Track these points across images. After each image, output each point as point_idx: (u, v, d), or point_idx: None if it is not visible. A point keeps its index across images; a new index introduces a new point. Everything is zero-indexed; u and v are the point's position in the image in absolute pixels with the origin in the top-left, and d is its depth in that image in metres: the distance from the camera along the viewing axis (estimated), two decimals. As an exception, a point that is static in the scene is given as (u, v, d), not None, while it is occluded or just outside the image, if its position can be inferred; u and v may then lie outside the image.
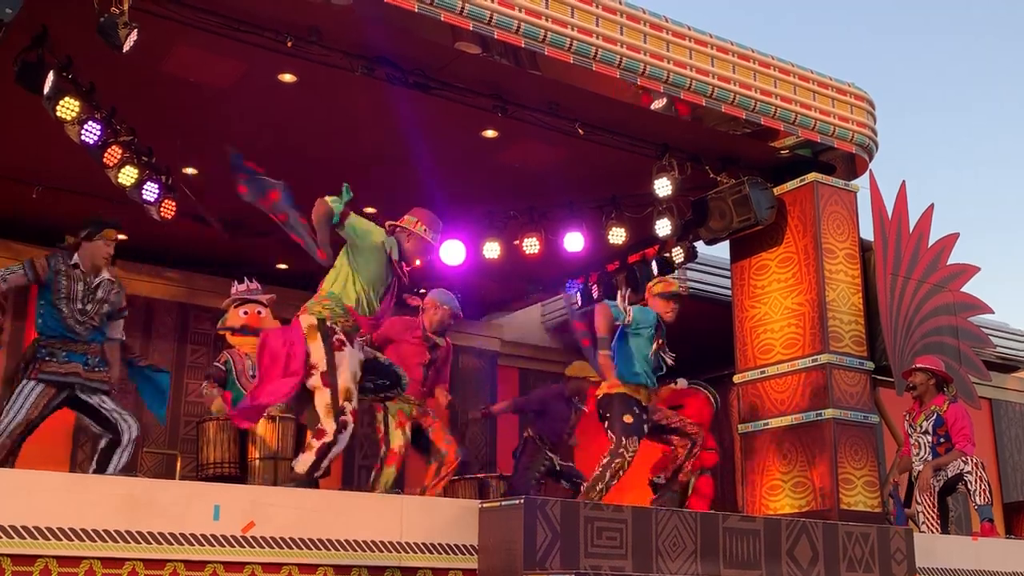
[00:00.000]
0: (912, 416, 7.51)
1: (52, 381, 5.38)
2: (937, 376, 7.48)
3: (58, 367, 5.40)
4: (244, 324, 7.30)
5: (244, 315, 7.30)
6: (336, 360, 5.13)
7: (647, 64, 7.03)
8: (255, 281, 7.62)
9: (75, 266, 5.53)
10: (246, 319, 7.29)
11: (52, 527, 4.17)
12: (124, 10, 5.62)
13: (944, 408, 7.39)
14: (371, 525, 4.86)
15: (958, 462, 7.31)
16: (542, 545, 4.84)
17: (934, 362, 7.58)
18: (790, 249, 8.19)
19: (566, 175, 8.49)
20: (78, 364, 5.46)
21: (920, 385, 7.46)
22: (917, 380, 7.50)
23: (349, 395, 5.12)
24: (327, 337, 5.15)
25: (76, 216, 5.81)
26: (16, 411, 5.32)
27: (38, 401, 5.35)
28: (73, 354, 5.46)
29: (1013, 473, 13.72)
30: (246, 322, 7.28)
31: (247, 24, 6.21)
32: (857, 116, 8.16)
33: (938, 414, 7.35)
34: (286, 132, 7.76)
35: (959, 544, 7.09)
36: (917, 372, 7.51)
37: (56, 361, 5.39)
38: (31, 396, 5.34)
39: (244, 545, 4.53)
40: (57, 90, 6.32)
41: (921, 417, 7.46)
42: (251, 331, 7.21)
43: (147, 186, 7.50)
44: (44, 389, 5.37)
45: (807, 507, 7.62)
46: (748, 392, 8.25)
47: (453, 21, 6.27)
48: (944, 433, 7.34)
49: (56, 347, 5.42)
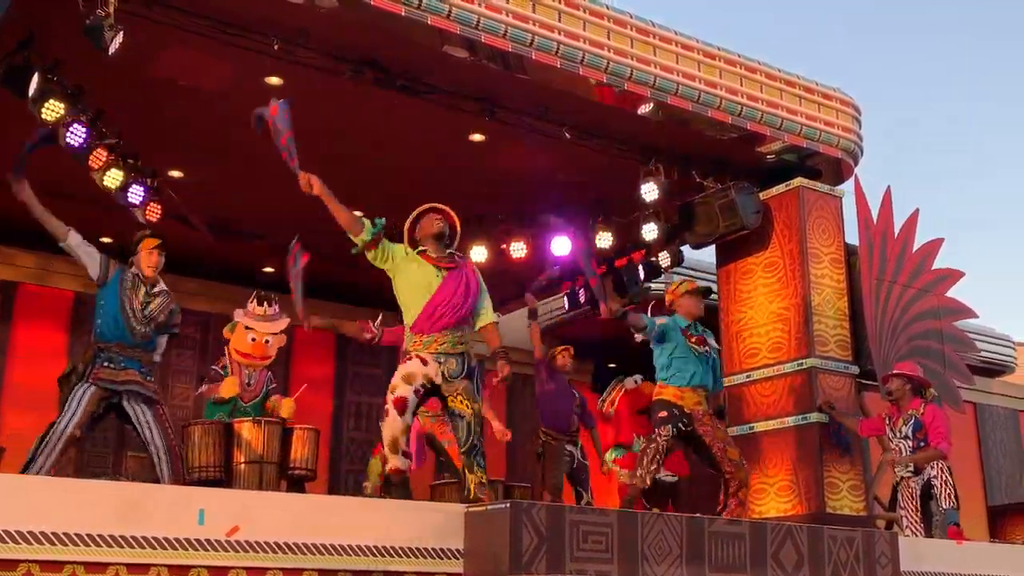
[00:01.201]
0: (892, 421, 7.54)
1: (107, 388, 5.45)
2: (913, 381, 7.49)
3: (114, 374, 5.47)
4: (249, 351, 7.18)
5: (251, 341, 7.17)
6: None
7: (633, 69, 7.05)
8: (276, 304, 7.44)
9: (137, 275, 5.72)
10: (252, 345, 7.16)
11: (35, 531, 4.14)
12: (110, 13, 5.61)
13: (921, 411, 7.42)
14: (356, 529, 4.85)
15: (927, 468, 7.35)
16: (528, 549, 4.83)
17: (911, 368, 7.59)
18: (776, 254, 8.22)
19: (553, 179, 8.50)
20: (135, 371, 5.54)
21: (897, 390, 7.49)
22: (894, 386, 7.53)
23: (392, 388, 5.36)
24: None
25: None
26: (70, 415, 5.35)
27: (88, 407, 5.38)
28: (130, 360, 5.54)
29: (998, 477, 13.78)
30: (252, 349, 7.16)
31: (233, 27, 6.21)
32: (843, 121, 8.20)
33: (916, 418, 7.38)
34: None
35: (944, 548, 7.11)
36: (893, 378, 7.53)
37: (113, 367, 5.47)
38: (83, 400, 5.38)
39: (229, 549, 4.51)
40: (42, 92, 6.30)
41: (900, 422, 7.49)
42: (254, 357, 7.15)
43: (132, 189, 7.48)
44: (96, 393, 5.41)
45: (793, 511, 7.64)
46: (734, 396, 8.27)
47: (440, 25, 6.28)
48: (923, 437, 7.38)
49: (114, 351, 5.50)
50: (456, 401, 5.40)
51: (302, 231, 9.18)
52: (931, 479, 7.35)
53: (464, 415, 5.39)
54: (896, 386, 7.50)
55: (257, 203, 8.89)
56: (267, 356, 7.18)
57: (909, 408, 7.44)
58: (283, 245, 9.41)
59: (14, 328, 9.47)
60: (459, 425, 5.43)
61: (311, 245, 7.74)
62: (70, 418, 5.34)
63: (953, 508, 7.25)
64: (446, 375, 5.39)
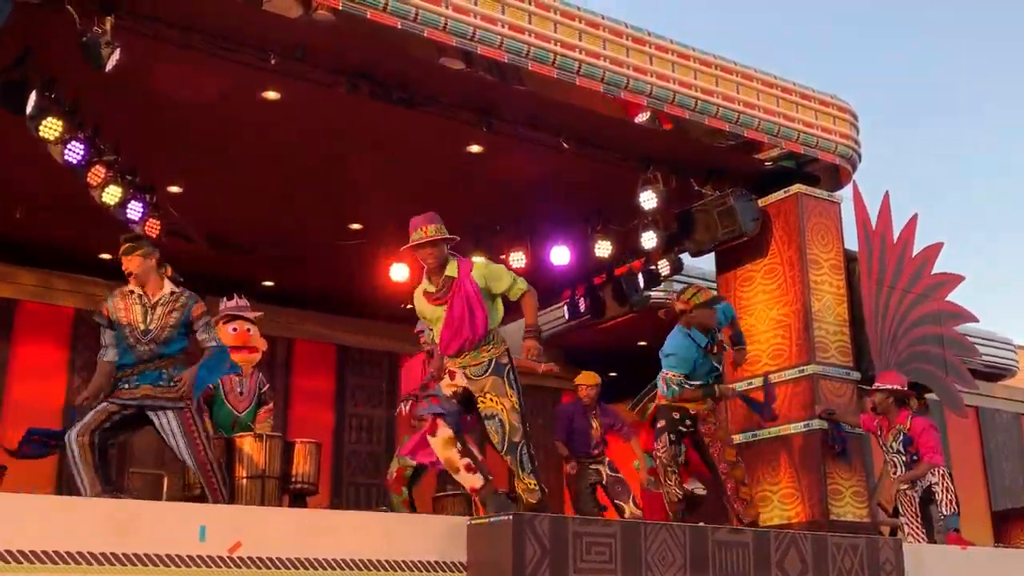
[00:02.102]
0: (882, 433, 7.52)
1: (121, 403, 5.34)
2: (895, 393, 7.45)
3: (129, 392, 5.36)
4: (233, 341, 7.25)
5: (233, 332, 7.25)
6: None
7: (630, 78, 7.05)
8: (243, 298, 7.59)
9: (130, 292, 5.52)
10: (235, 336, 7.25)
11: (36, 550, 4.13)
12: (107, 30, 5.62)
13: (908, 425, 7.39)
14: (359, 543, 4.83)
15: (928, 474, 7.33)
16: (531, 561, 4.82)
17: (892, 379, 7.53)
18: (775, 260, 8.22)
19: (552, 189, 8.50)
20: (148, 385, 5.39)
21: (880, 404, 7.46)
22: (877, 399, 7.50)
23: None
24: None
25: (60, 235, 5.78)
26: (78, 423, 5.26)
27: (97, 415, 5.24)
28: (144, 375, 5.40)
29: (1001, 481, 13.75)
30: (235, 339, 7.24)
31: (230, 42, 6.22)
32: (840, 128, 8.20)
33: (904, 433, 7.35)
34: (270, 149, 7.76)
35: (948, 553, 7.09)
36: (876, 392, 7.50)
37: (128, 387, 5.36)
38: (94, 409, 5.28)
39: (231, 566, 4.50)
40: (40, 109, 6.29)
41: (890, 437, 7.47)
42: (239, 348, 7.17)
43: (131, 205, 7.47)
44: (107, 407, 5.29)
45: (796, 518, 7.62)
46: (736, 403, 8.24)
47: (436, 37, 6.28)
48: (915, 451, 7.37)
49: (128, 374, 5.39)
50: (485, 401, 5.24)
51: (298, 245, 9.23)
52: (932, 485, 7.33)
53: (495, 413, 5.19)
54: (879, 399, 7.47)
55: (255, 217, 8.89)
56: (253, 347, 7.20)
57: (897, 422, 7.41)
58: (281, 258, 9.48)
59: (14, 346, 9.46)
60: (492, 427, 5.20)
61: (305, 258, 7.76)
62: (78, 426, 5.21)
63: (953, 514, 7.23)
64: (470, 376, 5.28)
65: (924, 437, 7.30)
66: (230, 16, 6.04)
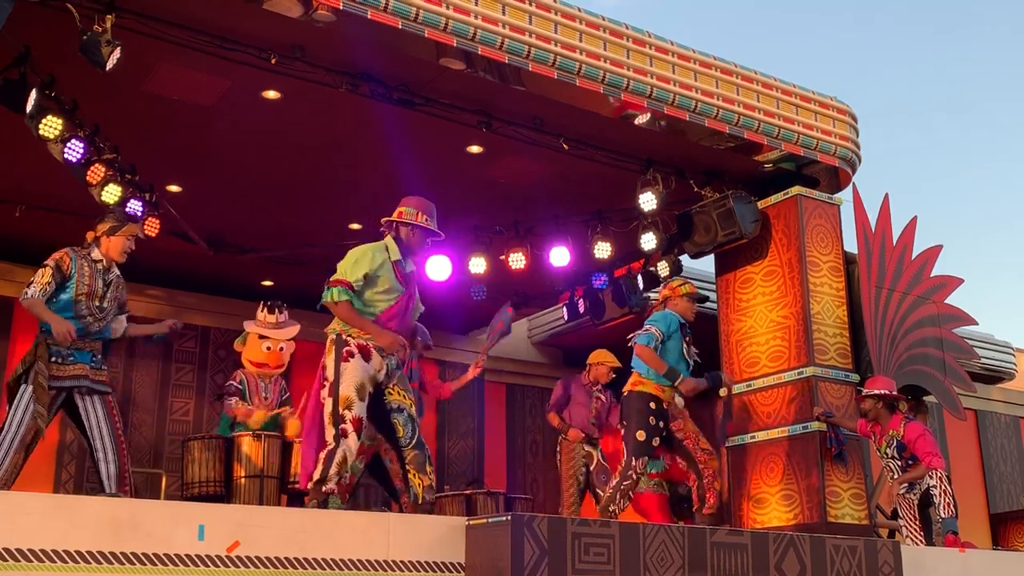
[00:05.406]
0: (876, 439, 7.51)
1: (57, 387, 5.16)
2: (884, 399, 7.44)
3: (63, 371, 5.18)
4: (264, 360, 7.16)
5: (266, 350, 7.17)
6: (341, 370, 5.31)
7: (630, 79, 7.06)
8: (285, 311, 7.39)
9: (97, 262, 5.43)
10: (267, 354, 7.15)
11: (34, 549, 4.13)
12: (107, 28, 5.61)
13: (901, 431, 7.38)
14: (357, 544, 4.83)
15: (926, 477, 7.33)
16: (529, 562, 4.82)
17: (881, 384, 7.52)
18: (774, 262, 8.22)
19: (551, 190, 8.50)
20: (84, 365, 5.26)
21: (870, 410, 7.45)
22: (866, 406, 7.49)
23: (349, 403, 5.26)
24: (339, 349, 5.36)
25: (59, 235, 5.79)
26: (16, 424, 5.07)
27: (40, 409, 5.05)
28: (81, 352, 5.26)
29: (1000, 484, 13.77)
30: (267, 358, 7.16)
31: (231, 41, 6.21)
32: (840, 130, 8.21)
33: (897, 439, 7.35)
34: (270, 149, 7.75)
35: (947, 556, 7.10)
36: (865, 398, 7.50)
37: (63, 363, 5.18)
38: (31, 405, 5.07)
39: (229, 565, 4.50)
40: (40, 108, 6.29)
41: (884, 443, 7.47)
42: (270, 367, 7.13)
43: (130, 204, 7.47)
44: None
45: (795, 520, 7.62)
46: (735, 405, 8.25)
47: (437, 37, 6.28)
48: (910, 456, 7.36)
49: (65, 346, 5.20)
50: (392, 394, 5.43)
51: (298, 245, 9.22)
52: (930, 488, 7.33)
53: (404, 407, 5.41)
54: (868, 406, 7.46)
55: (255, 216, 8.89)
56: (281, 364, 7.20)
57: (889, 427, 7.41)
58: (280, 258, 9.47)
59: (12, 344, 9.45)
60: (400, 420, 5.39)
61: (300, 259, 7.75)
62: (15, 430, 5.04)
63: (952, 517, 7.23)
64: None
65: (920, 443, 7.30)
66: (230, 16, 6.03)
